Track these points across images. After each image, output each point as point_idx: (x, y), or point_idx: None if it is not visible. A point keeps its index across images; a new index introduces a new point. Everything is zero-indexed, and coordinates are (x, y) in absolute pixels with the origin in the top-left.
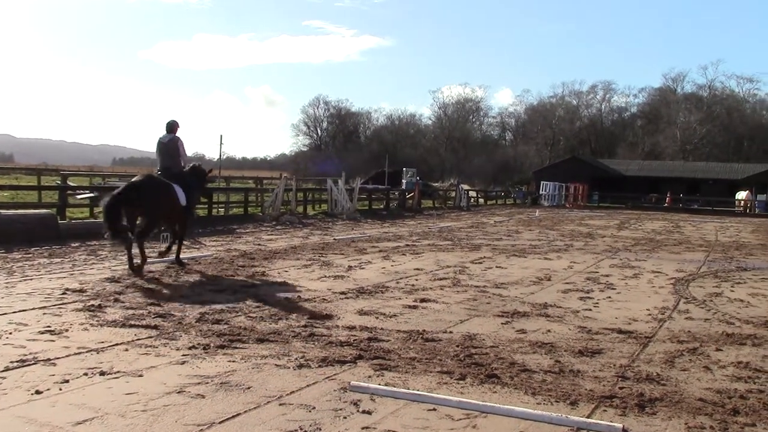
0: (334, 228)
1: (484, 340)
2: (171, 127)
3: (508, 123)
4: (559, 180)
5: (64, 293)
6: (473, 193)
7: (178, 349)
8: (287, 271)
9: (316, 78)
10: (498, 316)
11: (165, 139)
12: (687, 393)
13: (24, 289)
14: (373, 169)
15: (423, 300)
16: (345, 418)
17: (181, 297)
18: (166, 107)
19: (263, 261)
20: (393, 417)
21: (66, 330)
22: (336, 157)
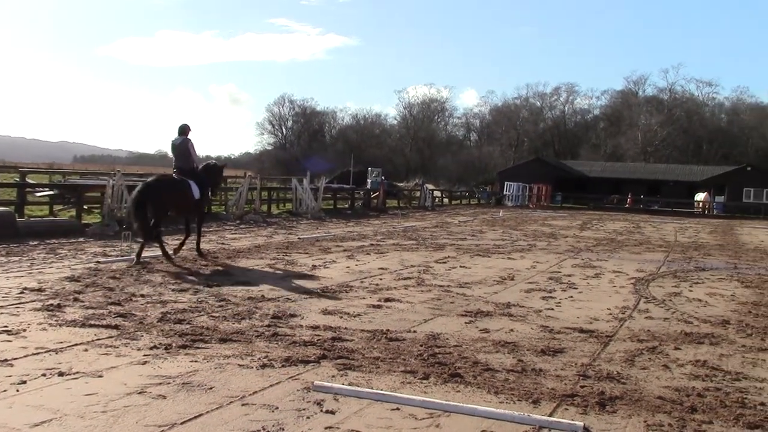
0: (298, 227)
1: (447, 339)
2: (182, 131)
3: (472, 124)
4: (523, 181)
5: (21, 292)
6: (438, 193)
7: (139, 349)
8: (251, 270)
9: (281, 76)
10: (461, 315)
11: (177, 141)
12: (646, 391)
13: None
14: (338, 169)
15: (387, 299)
16: (308, 418)
17: (143, 296)
18: (127, 104)
19: (226, 260)
20: (356, 417)
21: (24, 330)
22: (320, 157)
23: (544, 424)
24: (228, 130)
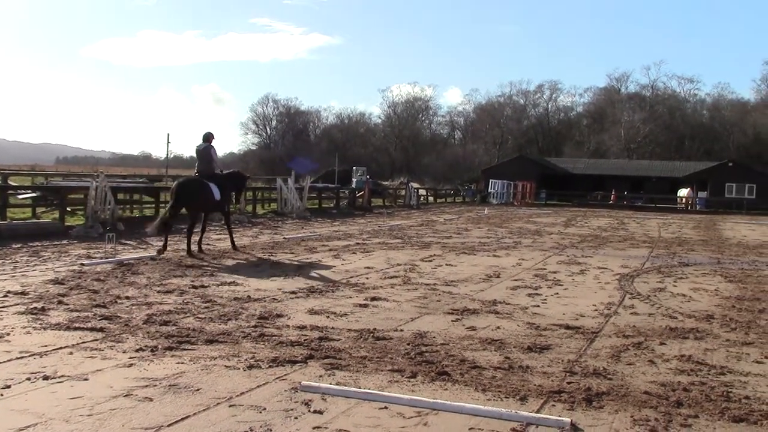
0: (283, 227)
1: (434, 337)
2: (206, 138)
3: (457, 122)
4: (508, 178)
5: (5, 296)
6: (423, 192)
7: (125, 352)
8: (236, 271)
9: (264, 76)
10: (448, 313)
11: (200, 147)
12: (632, 386)
13: None
14: (323, 168)
15: (374, 298)
16: (296, 418)
17: (128, 298)
18: (110, 105)
19: (212, 261)
20: (344, 416)
21: (7, 334)
22: (305, 157)
23: (531, 420)
24: (211, 130)
